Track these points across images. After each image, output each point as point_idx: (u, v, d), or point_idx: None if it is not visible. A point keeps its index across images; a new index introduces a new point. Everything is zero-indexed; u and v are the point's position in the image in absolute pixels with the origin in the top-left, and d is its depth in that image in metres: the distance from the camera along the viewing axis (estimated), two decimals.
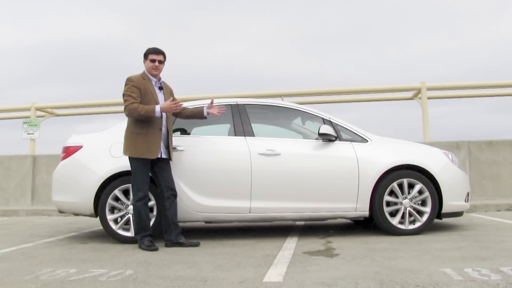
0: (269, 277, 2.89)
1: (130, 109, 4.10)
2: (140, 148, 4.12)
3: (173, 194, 4.27)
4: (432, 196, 4.59)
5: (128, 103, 4.11)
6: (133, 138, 4.16)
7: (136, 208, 4.16)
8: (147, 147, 4.12)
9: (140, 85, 4.19)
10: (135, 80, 4.20)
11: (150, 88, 4.23)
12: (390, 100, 10.83)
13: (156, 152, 4.15)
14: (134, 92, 4.14)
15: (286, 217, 4.67)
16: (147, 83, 4.24)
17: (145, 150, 4.12)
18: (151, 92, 4.22)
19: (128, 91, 4.16)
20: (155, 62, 4.26)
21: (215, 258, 3.64)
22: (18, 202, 9.44)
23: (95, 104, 11.07)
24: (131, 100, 4.11)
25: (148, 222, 4.22)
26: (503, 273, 2.83)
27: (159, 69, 4.30)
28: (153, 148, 4.13)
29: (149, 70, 4.28)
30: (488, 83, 9.86)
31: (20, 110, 11.26)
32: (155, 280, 2.89)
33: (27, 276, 3.10)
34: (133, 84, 4.18)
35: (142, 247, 4.09)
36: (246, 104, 4.93)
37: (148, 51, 4.31)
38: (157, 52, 4.29)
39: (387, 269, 3.05)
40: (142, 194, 4.15)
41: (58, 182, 4.82)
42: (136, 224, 4.21)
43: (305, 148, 4.71)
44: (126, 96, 4.15)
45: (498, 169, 8.43)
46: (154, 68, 4.26)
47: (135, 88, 4.16)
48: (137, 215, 4.17)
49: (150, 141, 4.13)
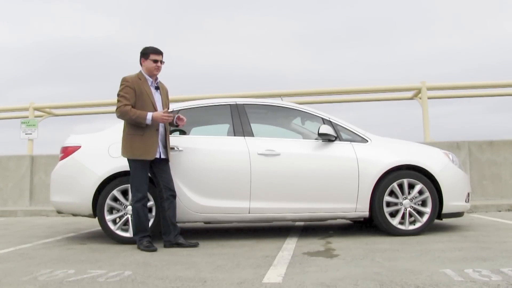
0: (269, 278, 2.88)
1: (121, 111, 4.06)
2: (137, 149, 4.09)
3: (172, 195, 4.24)
4: (432, 196, 4.58)
5: (120, 104, 4.07)
6: (129, 139, 4.12)
7: (135, 209, 4.14)
8: (144, 148, 4.09)
9: (135, 85, 4.14)
10: (130, 81, 4.15)
11: (146, 89, 4.17)
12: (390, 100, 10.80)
13: (153, 153, 4.13)
14: (128, 93, 4.09)
15: (286, 218, 4.65)
16: (143, 84, 4.18)
17: (142, 152, 4.08)
18: (147, 93, 4.17)
19: (123, 91, 4.11)
20: (157, 63, 4.21)
21: (214, 258, 3.62)
22: (16, 203, 9.41)
23: (93, 104, 11.04)
24: (124, 102, 4.06)
25: (147, 223, 4.20)
26: (504, 274, 2.82)
27: (160, 69, 4.27)
28: (150, 149, 4.11)
29: (151, 71, 4.22)
30: (489, 83, 9.83)
31: (18, 110, 11.21)
32: (154, 281, 2.88)
33: (25, 277, 3.08)
34: (128, 84, 4.13)
35: (140, 248, 4.07)
36: (245, 104, 4.91)
37: (148, 51, 4.23)
38: (158, 52, 4.24)
39: (387, 270, 3.04)
40: (141, 195, 4.13)
41: (56, 182, 4.80)
42: (135, 225, 4.19)
43: (305, 148, 4.70)
44: (120, 97, 4.11)
45: (499, 169, 8.42)
46: (157, 68, 4.22)
47: (130, 89, 4.11)
48: (136, 216, 4.15)
49: (147, 142, 4.10)
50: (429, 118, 9.32)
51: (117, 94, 4.16)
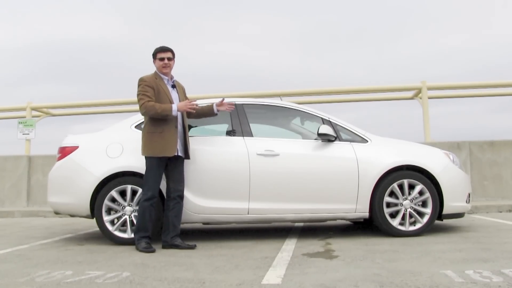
0: (268, 279, 2.87)
1: (147, 107, 4.11)
2: (156, 147, 4.12)
3: (179, 196, 4.24)
4: (432, 197, 4.55)
5: (143, 101, 4.14)
6: (149, 137, 4.16)
7: (142, 207, 4.12)
8: (163, 145, 4.12)
9: (153, 84, 4.21)
10: (147, 80, 4.23)
11: (163, 87, 4.25)
12: (390, 100, 10.79)
13: (172, 150, 4.14)
14: (148, 91, 4.16)
15: (285, 219, 4.63)
16: (159, 82, 4.26)
17: (161, 149, 4.11)
18: (164, 91, 4.23)
19: (142, 90, 4.18)
20: (164, 60, 4.27)
21: (213, 260, 3.60)
22: (13, 203, 9.37)
23: (91, 104, 11.02)
24: (147, 99, 4.13)
25: (150, 224, 4.16)
26: (504, 275, 2.81)
27: (169, 66, 4.31)
28: (168, 146, 4.13)
29: (160, 69, 4.30)
30: (490, 83, 9.81)
31: (16, 110, 11.19)
32: (152, 283, 2.86)
33: (23, 278, 3.07)
34: (146, 83, 4.20)
35: (139, 249, 4.05)
36: (245, 104, 4.89)
37: (155, 51, 4.33)
38: (164, 50, 4.31)
39: (387, 271, 3.02)
40: (151, 194, 4.11)
41: (54, 183, 4.78)
42: (137, 223, 4.17)
43: (304, 148, 4.67)
44: (141, 95, 4.17)
45: (500, 169, 8.39)
46: (164, 66, 4.28)
47: (149, 88, 4.18)
48: (140, 214, 4.13)
49: (166, 140, 4.12)
50: (429, 118, 9.31)
51: (137, 94, 4.23)
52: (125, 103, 10.67)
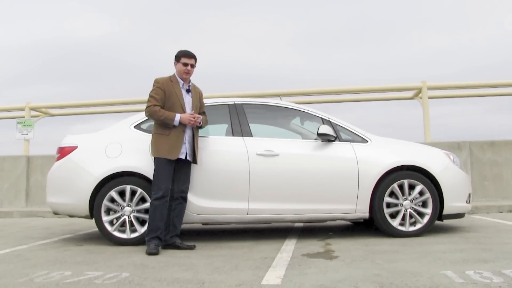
0: (267, 280, 2.86)
1: (150, 111, 4.17)
2: (161, 148, 4.13)
3: (182, 197, 4.24)
4: (433, 197, 4.54)
5: (150, 104, 4.17)
6: (157, 138, 4.18)
7: (152, 206, 4.10)
8: (168, 148, 4.12)
9: (165, 87, 4.21)
10: (161, 82, 4.24)
11: (176, 91, 4.24)
12: (391, 99, 10.78)
13: (175, 153, 4.13)
14: (158, 94, 4.18)
15: (285, 219, 4.62)
16: (173, 86, 4.25)
17: (166, 151, 4.12)
18: (176, 95, 4.22)
19: (153, 92, 4.21)
20: (187, 66, 4.26)
21: (212, 260, 3.59)
22: (12, 204, 9.35)
23: (90, 104, 11.01)
24: (154, 102, 4.16)
25: (161, 223, 4.10)
26: (505, 276, 2.80)
27: (190, 73, 4.31)
28: (174, 149, 4.13)
29: (180, 74, 4.29)
30: (490, 83, 9.80)
31: (14, 110, 11.18)
32: (151, 283, 2.85)
33: (21, 279, 3.06)
34: (159, 86, 4.22)
35: (146, 251, 3.97)
36: (244, 104, 4.88)
37: (180, 54, 4.30)
38: (189, 56, 4.29)
39: (387, 271, 3.01)
40: (161, 193, 4.09)
41: (52, 183, 4.76)
42: (148, 224, 4.15)
43: (304, 148, 4.66)
44: (150, 97, 4.21)
45: (500, 169, 8.38)
46: (186, 72, 4.27)
47: (160, 90, 4.19)
48: (151, 214, 4.10)
49: (171, 142, 4.13)
50: (429, 118, 9.30)
51: (149, 94, 4.25)
52: (124, 103, 10.67)
